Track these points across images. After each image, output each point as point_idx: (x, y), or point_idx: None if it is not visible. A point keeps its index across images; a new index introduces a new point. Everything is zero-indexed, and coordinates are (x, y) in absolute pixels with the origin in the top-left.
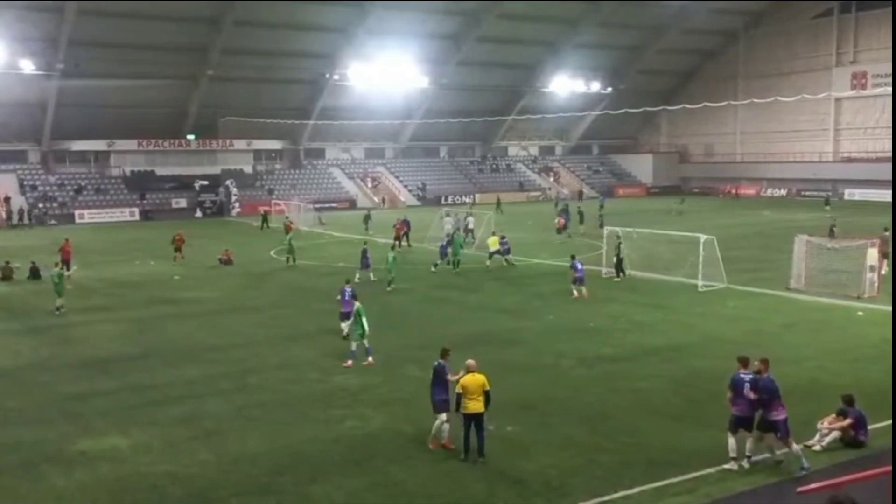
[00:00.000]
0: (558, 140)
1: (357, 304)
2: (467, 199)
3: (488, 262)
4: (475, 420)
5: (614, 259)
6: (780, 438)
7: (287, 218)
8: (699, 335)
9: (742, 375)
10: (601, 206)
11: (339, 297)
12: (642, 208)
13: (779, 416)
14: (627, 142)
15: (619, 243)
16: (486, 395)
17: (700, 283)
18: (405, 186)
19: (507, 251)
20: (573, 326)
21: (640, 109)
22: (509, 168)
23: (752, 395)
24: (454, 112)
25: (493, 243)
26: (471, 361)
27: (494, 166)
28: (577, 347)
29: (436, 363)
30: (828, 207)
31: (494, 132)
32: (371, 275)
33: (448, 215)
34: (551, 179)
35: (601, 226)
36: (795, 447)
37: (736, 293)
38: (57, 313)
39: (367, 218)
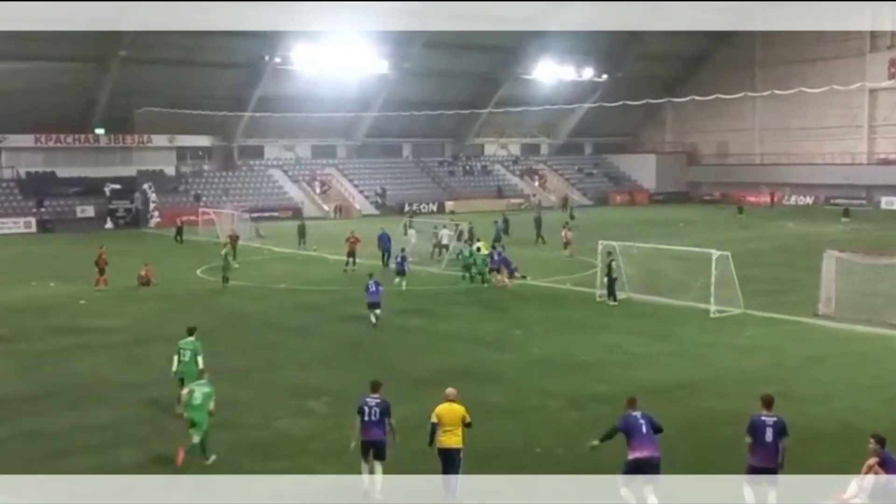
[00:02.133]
0: (544, 137)
1: (193, 351)
2: (410, 208)
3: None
4: (451, 456)
5: (605, 279)
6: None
7: (231, 231)
8: (710, 370)
9: (763, 418)
10: (571, 217)
11: (365, 291)
12: (644, 218)
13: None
14: (626, 140)
15: (612, 261)
16: (466, 427)
17: (712, 307)
18: (361, 192)
19: (507, 265)
20: (562, 360)
21: (642, 102)
22: (485, 170)
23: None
24: (419, 103)
25: (484, 248)
26: (450, 390)
27: (468, 168)
28: (566, 385)
29: (377, 400)
30: (846, 220)
31: (468, 127)
32: (404, 283)
33: (412, 227)
34: (536, 184)
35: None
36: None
37: (754, 320)
38: None
39: (301, 229)
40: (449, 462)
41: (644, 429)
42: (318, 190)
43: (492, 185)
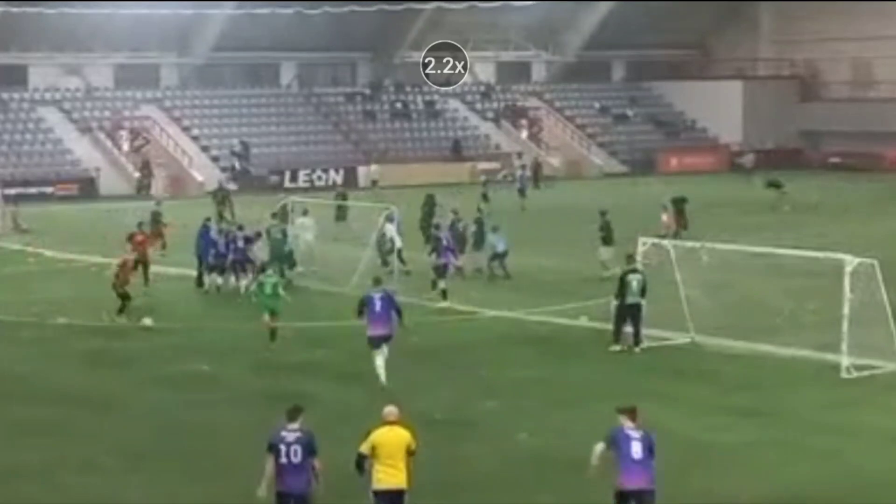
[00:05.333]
0: (539, 51)
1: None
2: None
3: None
4: (393, 501)
5: (613, 304)
6: None
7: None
8: (843, 474)
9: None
10: (484, 198)
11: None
12: (722, 198)
13: None
14: (688, 56)
15: (629, 272)
16: (409, 455)
17: (845, 360)
18: (203, 149)
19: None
20: (572, 456)
21: None
22: (432, 110)
23: None
24: None
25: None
26: (391, 408)
27: (400, 106)
28: (580, 502)
29: (296, 434)
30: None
31: (399, 34)
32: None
33: (390, 219)
34: (524, 135)
35: (477, 244)
36: None
37: None
38: None
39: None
40: None
41: (378, 307)
42: (126, 146)
43: (444, 138)
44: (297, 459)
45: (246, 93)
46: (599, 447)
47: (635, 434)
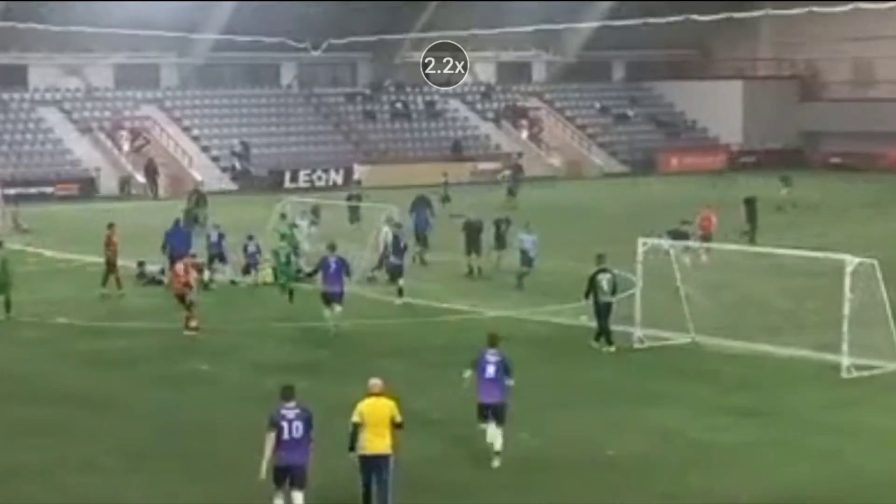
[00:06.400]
0: (539, 52)
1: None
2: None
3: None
4: (376, 466)
5: (585, 300)
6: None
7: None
8: (843, 474)
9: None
10: (446, 199)
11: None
12: (722, 198)
13: None
14: (688, 56)
15: (599, 271)
16: (396, 428)
17: (845, 360)
18: (203, 149)
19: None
20: (571, 456)
21: None
22: (432, 110)
23: None
24: None
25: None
26: (375, 381)
27: (400, 106)
28: (582, 502)
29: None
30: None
31: (399, 34)
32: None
33: (304, 218)
34: (524, 135)
35: (498, 245)
36: None
37: None
38: None
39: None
40: (374, 472)
41: (332, 269)
42: (126, 146)
43: (445, 138)
44: (298, 434)
45: (246, 93)
46: (468, 372)
47: (492, 358)
